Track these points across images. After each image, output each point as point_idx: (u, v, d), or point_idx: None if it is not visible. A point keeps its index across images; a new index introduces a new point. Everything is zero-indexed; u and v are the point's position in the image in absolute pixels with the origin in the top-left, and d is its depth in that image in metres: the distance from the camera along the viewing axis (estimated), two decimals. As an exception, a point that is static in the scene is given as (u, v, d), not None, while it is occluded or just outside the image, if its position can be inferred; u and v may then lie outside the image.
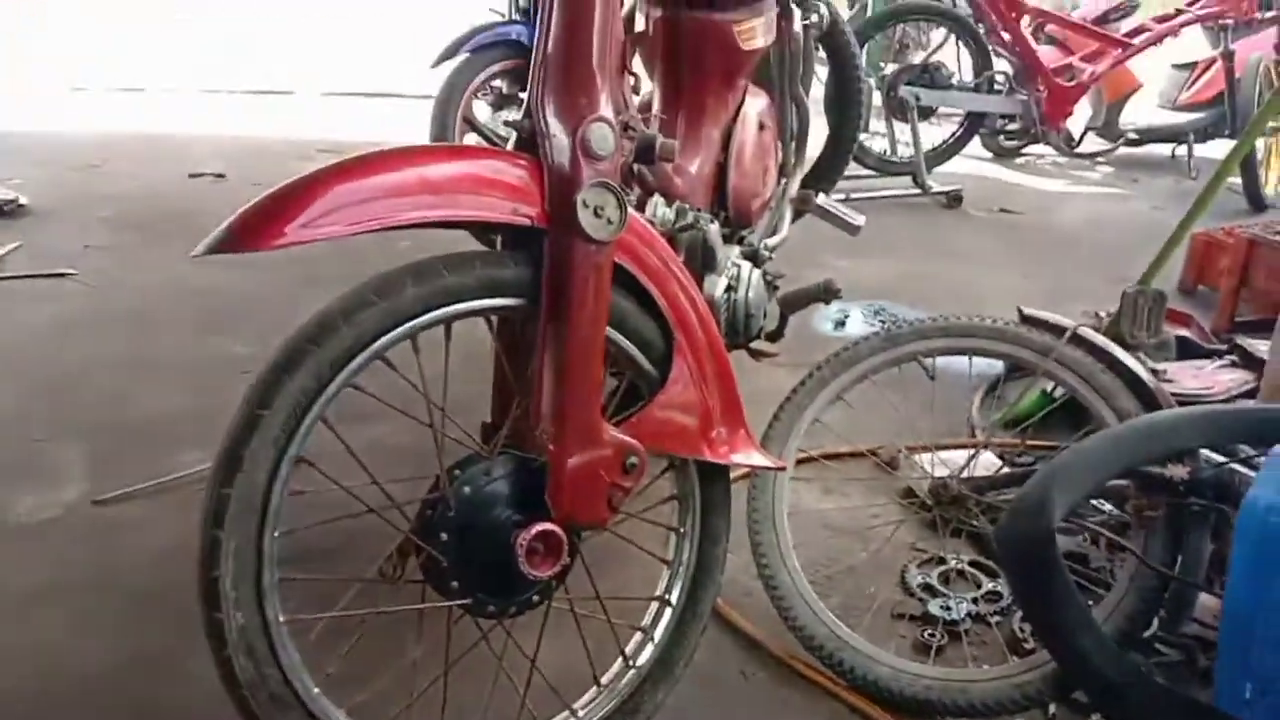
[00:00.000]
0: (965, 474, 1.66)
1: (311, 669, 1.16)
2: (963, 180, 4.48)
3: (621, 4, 1.34)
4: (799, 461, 2.07)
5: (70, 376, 2.44)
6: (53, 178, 4.07)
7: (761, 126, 2.04)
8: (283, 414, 1.10)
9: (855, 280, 3.37)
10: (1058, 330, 1.61)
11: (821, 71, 2.74)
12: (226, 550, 1.08)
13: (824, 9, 2.39)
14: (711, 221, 1.75)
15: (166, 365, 2.50)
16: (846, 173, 4.30)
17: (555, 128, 1.19)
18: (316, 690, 1.16)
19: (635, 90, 1.40)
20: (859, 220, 2.31)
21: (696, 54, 1.87)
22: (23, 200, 3.65)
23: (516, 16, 3.53)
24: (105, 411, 2.27)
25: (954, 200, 4.20)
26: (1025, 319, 1.65)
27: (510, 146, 1.27)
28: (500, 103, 3.48)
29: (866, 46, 5.14)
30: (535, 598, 1.26)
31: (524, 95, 2.81)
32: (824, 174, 2.72)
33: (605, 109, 1.20)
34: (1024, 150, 5.00)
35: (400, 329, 1.15)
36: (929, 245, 3.82)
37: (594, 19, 1.20)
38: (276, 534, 1.12)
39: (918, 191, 4.22)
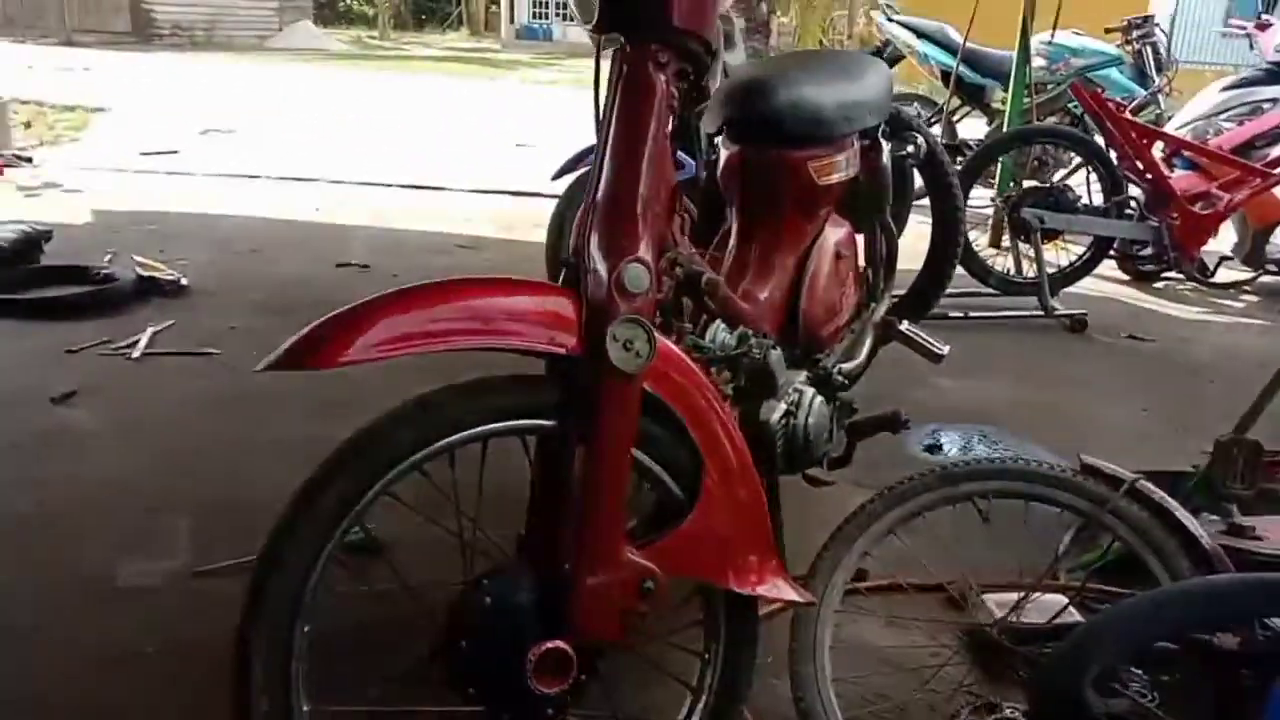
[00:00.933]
0: (1013, 619, 1.63)
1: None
2: (1093, 303, 4.37)
3: (676, 150, 1.43)
4: (868, 590, 2.07)
5: (193, 451, 2.64)
6: (215, 261, 4.43)
7: (839, 255, 2.08)
8: (321, 519, 1.20)
9: (961, 402, 3.33)
10: (1116, 482, 1.58)
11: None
12: (258, 640, 1.18)
13: (920, 140, 2.44)
14: (774, 347, 1.79)
15: (282, 447, 2.67)
16: (969, 289, 4.30)
17: (595, 265, 1.28)
18: (335, 780, 1.24)
19: (683, 229, 1.47)
20: (943, 349, 2.30)
21: (771, 188, 1.94)
22: (184, 281, 3.99)
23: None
24: (219, 488, 2.45)
25: (1078, 324, 4.10)
26: (1085, 468, 1.63)
27: (561, 281, 1.37)
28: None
29: (1000, 163, 5.14)
30: (550, 711, 1.31)
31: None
32: (919, 300, 2.74)
33: (644, 250, 1.28)
34: (1163, 275, 4.84)
35: (436, 445, 1.24)
36: (1047, 370, 3.73)
37: (640, 169, 1.30)
38: (307, 629, 1.21)
39: (1040, 313, 4.14)
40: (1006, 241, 4.64)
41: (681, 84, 1.36)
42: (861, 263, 2.42)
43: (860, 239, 2.34)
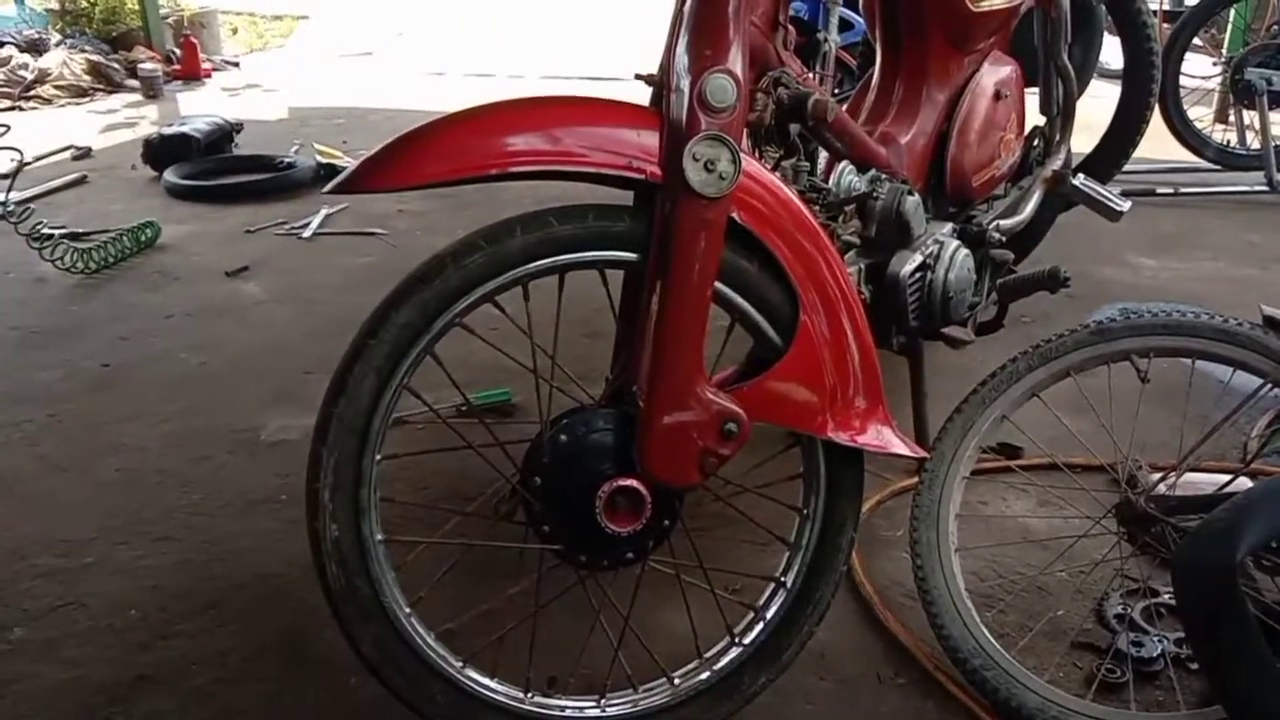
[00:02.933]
0: (1167, 490, 1.43)
1: (406, 589, 1.23)
2: (1333, 178, 3.83)
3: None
4: (1022, 468, 1.90)
5: (350, 320, 2.63)
6: (393, 151, 4.53)
7: (998, 96, 1.86)
8: (387, 345, 1.17)
9: (1162, 282, 3.00)
10: (1305, 335, 1.34)
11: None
12: (327, 465, 1.16)
13: (1108, -30, 2.15)
14: (910, 193, 1.63)
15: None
16: (1183, 163, 3.85)
17: (679, 80, 1.16)
18: (409, 610, 1.22)
19: (786, 44, 1.32)
20: (1122, 206, 2.05)
21: (916, 14, 1.74)
22: (361, 169, 4.11)
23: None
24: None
25: (1311, 200, 3.61)
26: (1267, 320, 1.39)
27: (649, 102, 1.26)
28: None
29: (1231, 24, 4.55)
30: (630, 555, 1.25)
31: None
32: (1106, 156, 2.45)
33: (732, 62, 1.15)
34: None
35: (507, 275, 1.18)
36: (1267, 250, 3.30)
37: None
38: (379, 458, 1.19)
39: (1265, 189, 3.66)
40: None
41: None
42: (1038, 115, 2.18)
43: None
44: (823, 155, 1.75)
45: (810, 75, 1.42)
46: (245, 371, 2.41)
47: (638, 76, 1.33)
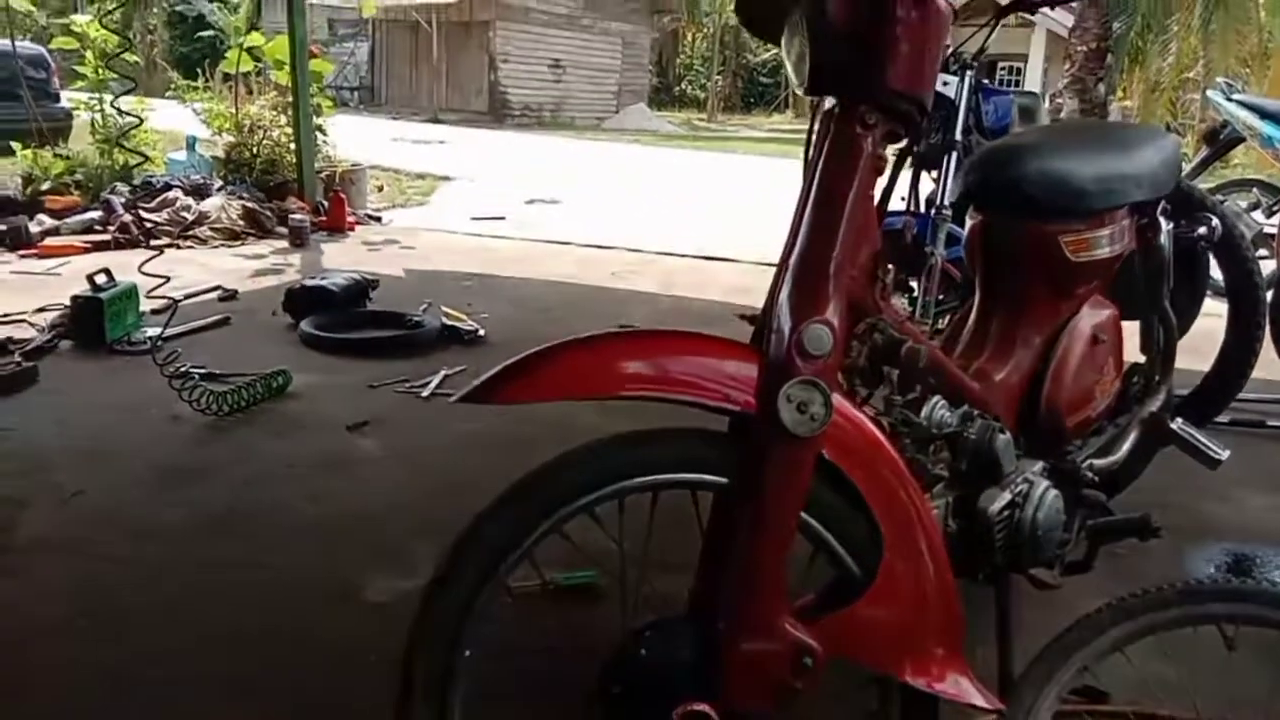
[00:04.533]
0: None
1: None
2: None
3: (881, 216, 1.39)
4: (1094, 714, 1.86)
5: (462, 483, 2.81)
6: (512, 316, 4.77)
7: (1095, 340, 1.91)
8: (489, 546, 1.26)
9: (1270, 523, 2.91)
10: (1402, 622, 1.32)
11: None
12: (421, 658, 1.24)
13: (1214, 220, 2.21)
14: (1001, 431, 1.67)
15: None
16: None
17: (780, 324, 1.26)
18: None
19: (884, 295, 1.42)
20: (1221, 454, 2.05)
21: (1015, 261, 1.83)
22: (481, 332, 4.33)
23: (920, 210, 3.59)
24: (470, 520, 2.61)
25: None
26: (1364, 601, 1.38)
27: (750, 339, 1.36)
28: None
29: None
30: (699, 776, 1.27)
31: (906, 279, 2.85)
32: (1211, 396, 2.45)
33: (831, 313, 1.25)
34: None
35: (607, 489, 1.27)
36: (1389, 495, 3.19)
37: (837, 230, 1.28)
38: (469, 653, 1.26)
39: (1387, 430, 3.56)
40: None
41: (890, 144, 1.33)
42: (1137, 353, 2.22)
43: (1131, 326, 2.15)
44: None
45: (906, 320, 1.50)
46: (354, 528, 2.53)
47: (740, 316, 1.44)
